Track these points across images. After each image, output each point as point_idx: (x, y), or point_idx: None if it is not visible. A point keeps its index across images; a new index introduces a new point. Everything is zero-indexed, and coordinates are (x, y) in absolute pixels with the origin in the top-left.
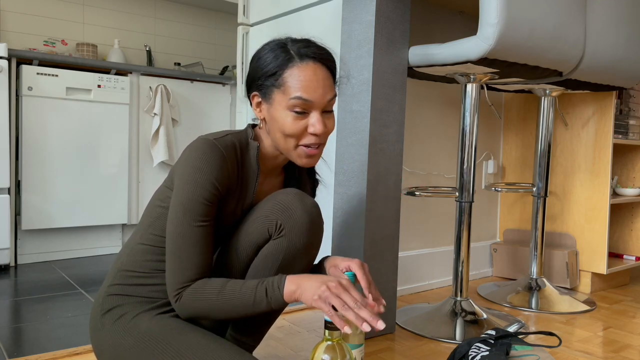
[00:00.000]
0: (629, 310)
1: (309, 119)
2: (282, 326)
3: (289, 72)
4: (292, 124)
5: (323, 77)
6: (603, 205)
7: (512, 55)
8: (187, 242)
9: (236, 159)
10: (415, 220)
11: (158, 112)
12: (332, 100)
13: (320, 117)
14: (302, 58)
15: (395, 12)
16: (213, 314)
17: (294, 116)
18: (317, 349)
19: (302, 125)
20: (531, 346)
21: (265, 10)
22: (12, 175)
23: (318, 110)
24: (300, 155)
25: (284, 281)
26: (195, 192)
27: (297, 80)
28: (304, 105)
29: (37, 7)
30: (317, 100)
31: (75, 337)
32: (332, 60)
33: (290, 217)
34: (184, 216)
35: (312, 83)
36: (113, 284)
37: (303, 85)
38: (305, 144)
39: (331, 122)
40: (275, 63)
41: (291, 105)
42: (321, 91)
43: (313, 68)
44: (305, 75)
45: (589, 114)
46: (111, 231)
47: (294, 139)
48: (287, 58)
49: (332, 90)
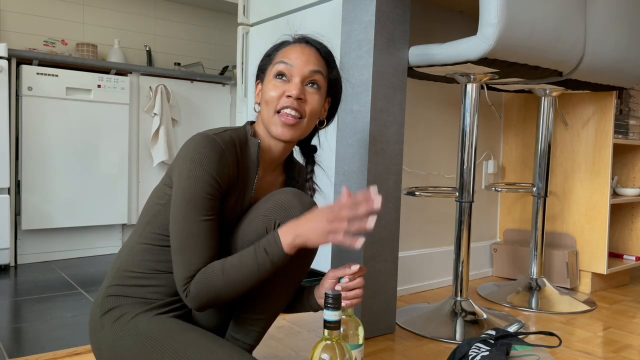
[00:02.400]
0: (629, 310)
1: (289, 84)
2: (282, 326)
3: (282, 50)
4: (272, 88)
5: (309, 52)
6: (603, 205)
7: (512, 55)
8: (193, 237)
9: (235, 155)
10: (415, 220)
11: (158, 112)
12: (316, 74)
13: (299, 84)
14: (296, 41)
15: (395, 12)
16: (225, 294)
17: (275, 82)
18: (316, 349)
19: (281, 90)
20: (531, 346)
21: (265, 10)
22: (12, 175)
23: (298, 78)
24: (276, 123)
25: (278, 236)
26: (198, 187)
27: (286, 52)
28: (286, 69)
29: (37, 7)
30: (297, 66)
31: (75, 337)
32: (325, 48)
33: (289, 216)
34: (189, 212)
35: (297, 54)
36: (112, 284)
37: (289, 54)
38: (281, 107)
39: (313, 97)
40: (273, 47)
41: (274, 71)
42: (304, 59)
43: (302, 46)
44: (294, 48)
45: (589, 114)
46: (111, 231)
47: (273, 104)
48: (283, 42)
49: (316, 65)
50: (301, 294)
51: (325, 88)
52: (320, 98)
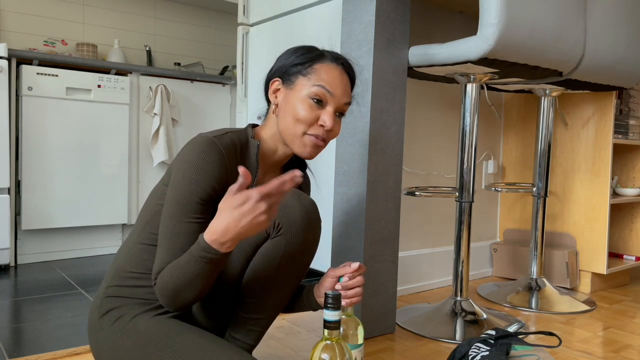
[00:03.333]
0: (629, 310)
1: (323, 112)
2: (282, 326)
3: (319, 65)
4: (308, 111)
5: (346, 82)
6: (603, 205)
7: (512, 55)
8: (174, 236)
9: (235, 158)
10: (415, 220)
11: (158, 112)
12: (347, 106)
13: (333, 114)
14: (333, 59)
15: (395, 12)
16: (181, 291)
17: (311, 103)
18: (316, 348)
19: (316, 115)
20: (531, 346)
21: (265, 10)
22: (12, 175)
23: (333, 107)
24: (305, 143)
25: (202, 237)
26: (191, 190)
27: (325, 72)
28: (324, 96)
29: (37, 7)
30: (337, 96)
31: (75, 337)
32: (355, 76)
33: (288, 216)
34: (175, 211)
35: (337, 81)
36: (111, 285)
37: (329, 78)
38: (312, 134)
39: (338, 127)
40: (308, 56)
41: (313, 92)
42: (342, 90)
43: (340, 71)
44: (332, 72)
45: (589, 114)
46: (111, 231)
47: (304, 126)
48: (319, 54)
49: (349, 97)
50: (300, 294)
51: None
52: (341, 123)
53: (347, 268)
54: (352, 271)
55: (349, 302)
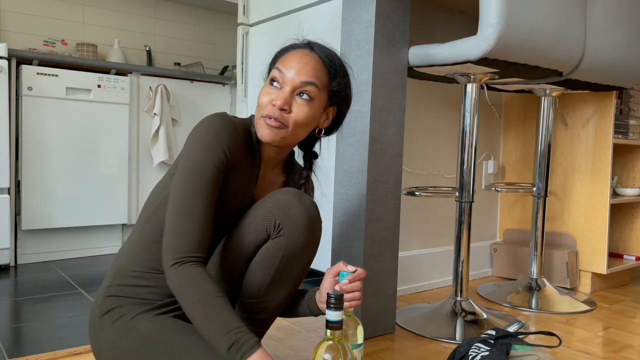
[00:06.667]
0: (629, 310)
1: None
2: (282, 326)
3: (285, 54)
4: (265, 93)
5: (307, 60)
6: (603, 205)
7: (512, 55)
8: (192, 207)
9: (243, 137)
10: (415, 220)
11: (158, 112)
12: (307, 85)
13: (286, 94)
14: (299, 46)
15: (395, 12)
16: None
17: (268, 88)
18: (318, 348)
19: (272, 97)
20: (531, 346)
21: (265, 10)
22: (12, 175)
23: (288, 87)
24: (262, 126)
25: (254, 351)
26: (206, 156)
27: (286, 57)
28: (278, 77)
29: (37, 7)
30: (289, 76)
31: (75, 337)
32: (330, 57)
33: (289, 216)
34: (190, 180)
35: (293, 62)
36: (112, 284)
37: (286, 61)
38: (265, 114)
39: (300, 109)
40: (280, 49)
41: (270, 77)
42: (298, 68)
43: (303, 52)
44: (292, 54)
45: (589, 114)
46: (111, 231)
47: (262, 109)
48: (290, 45)
49: (311, 75)
50: (302, 298)
51: (324, 98)
52: (310, 109)
53: (341, 265)
54: (352, 272)
55: (347, 305)
